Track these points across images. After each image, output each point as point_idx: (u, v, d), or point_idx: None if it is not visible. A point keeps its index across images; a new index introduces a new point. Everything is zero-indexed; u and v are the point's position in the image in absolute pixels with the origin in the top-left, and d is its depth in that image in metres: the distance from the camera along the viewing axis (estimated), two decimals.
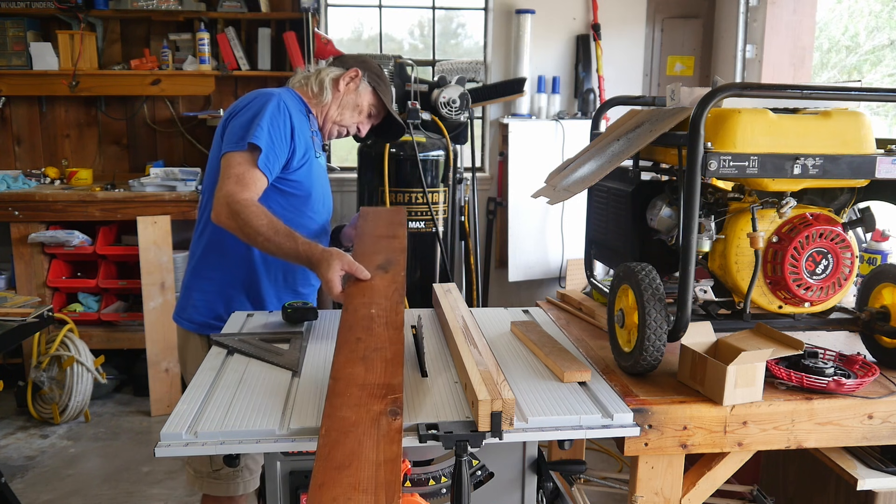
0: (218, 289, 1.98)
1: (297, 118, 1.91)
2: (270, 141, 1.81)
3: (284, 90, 2.00)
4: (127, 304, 4.19)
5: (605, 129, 1.84)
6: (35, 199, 3.84)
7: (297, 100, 2.00)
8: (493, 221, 4.57)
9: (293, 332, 1.76)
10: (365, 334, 1.44)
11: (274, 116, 1.83)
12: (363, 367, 1.33)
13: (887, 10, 4.53)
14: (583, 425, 1.31)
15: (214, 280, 1.98)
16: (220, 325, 1.87)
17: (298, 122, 1.92)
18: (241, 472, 1.94)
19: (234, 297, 1.98)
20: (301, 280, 2.06)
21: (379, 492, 1.02)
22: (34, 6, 4.06)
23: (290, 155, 1.88)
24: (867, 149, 1.49)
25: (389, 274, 1.70)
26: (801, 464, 2.26)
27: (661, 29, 4.61)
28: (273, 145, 1.81)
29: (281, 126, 1.84)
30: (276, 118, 1.84)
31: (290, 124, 1.88)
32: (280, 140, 1.84)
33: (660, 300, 1.40)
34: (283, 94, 1.95)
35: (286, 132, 1.86)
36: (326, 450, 1.10)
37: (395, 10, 4.61)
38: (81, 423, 3.69)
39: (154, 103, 4.40)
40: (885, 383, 1.49)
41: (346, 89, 2.06)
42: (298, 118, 1.93)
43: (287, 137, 1.86)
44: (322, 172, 2.07)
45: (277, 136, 1.83)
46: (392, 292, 1.62)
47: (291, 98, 1.97)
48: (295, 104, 1.96)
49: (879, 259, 2.35)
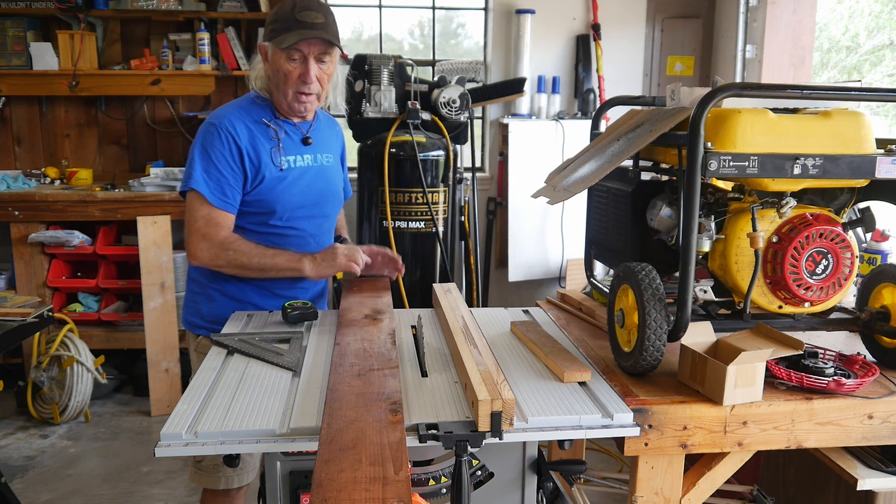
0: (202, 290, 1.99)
1: (245, 136, 1.85)
2: (207, 178, 1.82)
3: (244, 99, 1.96)
4: (127, 304, 4.19)
5: (605, 129, 1.84)
6: (35, 199, 3.84)
7: (253, 108, 1.93)
8: (493, 221, 4.57)
9: (293, 332, 1.76)
10: (359, 360, 1.47)
11: (211, 150, 1.83)
12: (360, 382, 1.35)
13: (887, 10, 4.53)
14: (583, 425, 1.31)
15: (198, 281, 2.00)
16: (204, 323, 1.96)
17: (249, 139, 1.86)
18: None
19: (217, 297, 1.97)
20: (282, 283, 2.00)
21: (386, 464, 1.03)
22: (34, 6, 4.06)
23: (243, 178, 1.86)
24: (867, 149, 1.49)
25: (378, 320, 1.74)
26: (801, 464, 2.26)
27: (661, 29, 4.62)
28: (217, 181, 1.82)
29: (224, 155, 1.82)
30: (214, 150, 1.82)
31: (235, 147, 1.83)
32: (227, 169, 1.83)
33: (660, 300, 1.40)
34: (230, 113, 1.89)
35: (231, 157, 1.83)
36: (330, 437, 1.12)
37: (395, 10, 4.61)
38: (81, 423, 3.69)
39: (154, 103, 4.40)
40: (885, 383, 1.49)
41: (267, 65, 1.90)
42: (248, 134, 1.86)
43: (234, 161, 1.83)
44: (303, 175, 1.95)
45: (220, 166, 1.82)
46: (383, 332, 1.65)
47: (244, 110, 1.91)
48: (249, 115, 1.90)
49: (879, 259, 2.35)
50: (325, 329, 1.82)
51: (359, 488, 0.98)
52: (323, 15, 1.84)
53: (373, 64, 3.58)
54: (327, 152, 2.06)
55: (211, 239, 1.83)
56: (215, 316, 1.93)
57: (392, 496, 0.96)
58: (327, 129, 2.11)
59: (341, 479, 1.00)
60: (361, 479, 1.00)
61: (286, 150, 1.93)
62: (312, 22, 1.81)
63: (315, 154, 2.00)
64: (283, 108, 1.93)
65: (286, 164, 1.92)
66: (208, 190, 1.82)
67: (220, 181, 1.83)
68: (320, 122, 2.07)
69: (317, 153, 2.01)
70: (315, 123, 2.03)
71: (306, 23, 1.81)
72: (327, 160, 2.05)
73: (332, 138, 2.12)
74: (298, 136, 1.97)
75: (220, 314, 1.92)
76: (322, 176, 2.02)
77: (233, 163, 1.84)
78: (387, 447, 1.09)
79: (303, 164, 1.96)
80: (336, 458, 1.05)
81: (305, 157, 1.97)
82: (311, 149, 1.99)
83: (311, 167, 1.98)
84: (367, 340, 1.58)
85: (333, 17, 1.89)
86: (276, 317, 1.89)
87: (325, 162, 2.04)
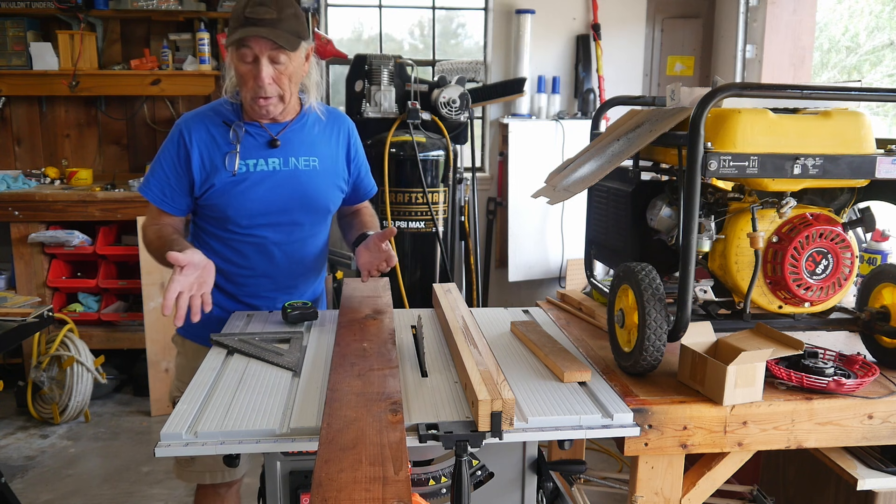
0: None
1: (201, 139, 1.81)
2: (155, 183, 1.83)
3: (217, 101, 1.91)
4: (127, 304, 4.19)
5: (605, 129, 1.83)
6: (35, 199, 3.84)
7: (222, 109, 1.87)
8: (493, 221, 4.57)
9: (293, 332, 1.76)
10: (359, 360, 1.47)
11: (162, 151, 1.85)
12: (360, 382, 1.35)
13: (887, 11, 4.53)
14: (583, 425, 1.31)
15: None
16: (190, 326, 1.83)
17: (206, 142, 1.81)
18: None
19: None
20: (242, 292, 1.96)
21: (386, 464, 1.04)
22: (34, 6, 4.06)
23: (189, 184, 1.83)
24: (867, 149, 1.49)
25: (379, 320, 1.73)
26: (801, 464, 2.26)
27: (661, 29, 4.62)
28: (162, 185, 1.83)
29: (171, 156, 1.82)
30: (164, 151, 1.84)
31: (184, 150, 1.81)
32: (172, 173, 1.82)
33: (660, 300, 1.40)
34: (194, 115, 1.86)
35: (177, 159, 1.82)
36: (330, 437, 1.12)
37: (395, 10, 4.61)
38: (81, 423, 3.69)
39: (154, 103, 4.40)
40: (885, 383, 1.49)
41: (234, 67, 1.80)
42: (206, 137, 1.82)
43: (179, 163, 1.82)
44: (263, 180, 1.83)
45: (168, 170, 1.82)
46: (383, 332, 1.64)
47: (213, 110, 1.87)
48: (215, 117, 1.85)
49: (879, 259, 2.35)
50: (325, 329, 1.82)
51: (359, 488, 0.98)
52: (276, 10, 1.70)
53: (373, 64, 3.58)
54: (309, 155, 1.89)
55: (143, 228, 1.87)
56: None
57: (392, 496, 0.96)
58: (319, 129, 1.94)
59: (341, 479, 1.00)
60: (361, 479, 1.00)
61: (246, 153, 1.82)
62: (260, 18, 1.68)
63: (285, 157, 1.85)
64: (248, 112, 1.85)
65: (243, 168, 1.81)
66: (149, 191, 1.84)
67: (163, 183, 1.83)
68: (306, 123, 1.91)
69: (289, 156, 1.86)
70: (294, 125, 1.88)
71: (253, 19, 1.69)
72: (306, 164, 1.88)
73: (324, 139, 1.93)
74: (265, 138, 1.85)
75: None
76: (293, 181, 1.86)
77: (178, 164, 1.82)
78: (387, 447, 1.09)
79: (265, 169, 1.83)
80: (336, 458, 1.05)
81: (270, 161, 1.84)
82: (279, 152, 1.85)
83: (277, 171, 1.84)
84: (367, 340, 1.58)
85: (295, 10, 1.75)
86: (276, 317, 1.89)
87: (303, 166, 1.87)
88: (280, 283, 1.96)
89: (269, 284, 1.95)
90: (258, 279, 1.93)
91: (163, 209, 1.84)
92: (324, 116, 1.95)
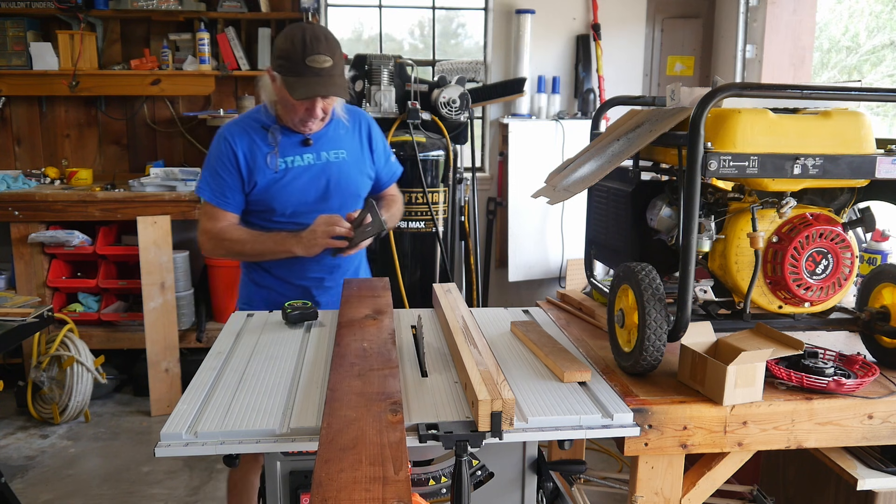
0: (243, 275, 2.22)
1: (244, 144, 2.01)
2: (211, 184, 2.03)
3: (254, 109, 2.11)
4: (127, 304, 4.19)
5: (605, 129, 1.83)
6: (35, 199, 3.84)
7: (259, 116, 2.06)
8: (493, 221, 4.57)
9: None
10: (359, 360, 1.46)
11: (213, 158, 2.04)
12: (360, 381, 1.35)
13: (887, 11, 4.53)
14: (583, 425, 1.31)
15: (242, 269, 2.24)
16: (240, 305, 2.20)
17: (245, 147, 2.01)
18: None
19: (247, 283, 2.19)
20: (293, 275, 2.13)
21: (386, 464, 1.04)
22: (34, 6, 4.06)
23: (241, 182, 2.03)
24: (867, 149, 1.49)
25: (378, 320, 1.73)
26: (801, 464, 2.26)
27: (661, 29, 4.62)
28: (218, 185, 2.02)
29: (222, 162, 2.02)
30: (214, 157, 2.03)
31: (232, 154, 2.01)
32: (226, 174, 2.02)
33: (660, 300, 1.40)
34: (235, 123, 2.06)
35: (228, 165, 2.01)
36: (330, 437, 1.12)
37: (395, 10, 4.61)
38: (81, 423, 3.69)
39: (154, 103, 4.40)
40: (885, 383, 1.49)
41: (275, 87, 1.97)
42: (247, 142, 2.01)
43: (230, 168, 2.01)
44: (302, 174, 2.04)
45: (222, 172, 2.02)
46: (383, 332, 1.64)
47: (251, 118, 2.06)
48: (254, 123, 2.04)
49: (879, 259, 2.35)
50: (325, 329, 1.82)
51: (359, 488, 0.98)
52: (330, 53, 1.87)
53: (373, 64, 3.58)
54: (338, 149, 2.10)
55: (209, 232, 2.05)
56: (246, 297, 2.19)
57: (392, 496, 0.96)
58: (344, 127, 2.14)
59: (341, 479, 1.00)
60: (361, 479, 1.00)
61: (284, 152, 2.03)
62: (321, 67, 1.86)
63: (318, 152, 2.07)
64: (288, 124, 2.04)
65: (283, 165, 2.02)
66: (209, 191, 2.04)
67: (219, 183, 2.03)
68: (332, 122, 2.10)
69: (320, 151, 2.07)
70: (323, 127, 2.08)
71: (314, 69, 1.86)
72: (336, 156, 2.10)
73: (347, 133, 2.14)
74: (299, 138, 2.06)
75: (249, 297, 2.18)
76: (327, 172, 2.08)
77: (228, 165, 2.01)
78: (387, 447, 1.09)
79: (301, 164, 2.05)
80: (336, 457, 1.05)
81: (305, 157, 2.05)
82: (312, 149, 2.06)
83: (312, 165, 2.06)
84: (367, 340, 1.58)
85: (339, 48, 1.93)
86: (276, 317, 1.89)
87: (333, 158, 2.09)
88: (323, 264, 2.12)
89: (314, 266, 2.11)
90: (304, 262, 2.08)
91: (220, 206, 2.04)
92: (346, 115, 2.15)
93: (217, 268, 4.08)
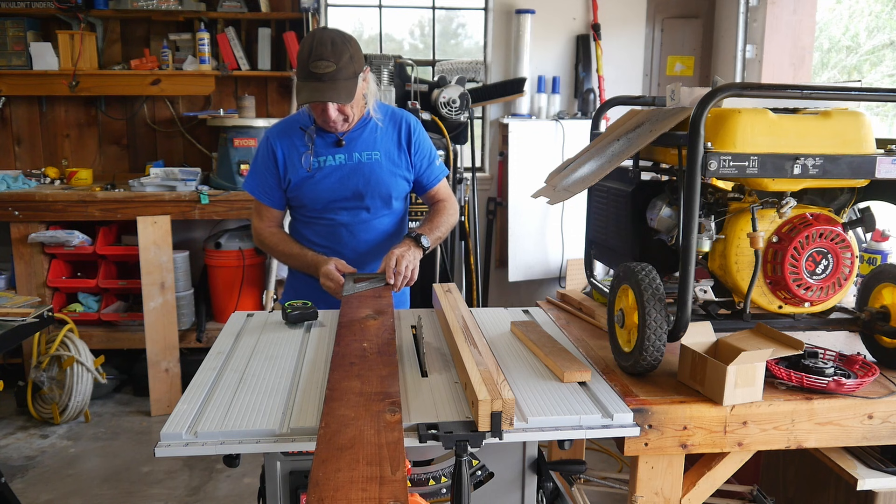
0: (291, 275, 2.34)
1: (283, 144, 2.13)
2: (254, 180, 2.18)
3: (298, 112, 2.21)
4: (127, 304, 4.19)
5: (605, 129, 1.83)
6: (35, 199, 3.84)
7: (300, 118, 2.16)
8: (493, 221, 4.57)
9: None
10: (358, 360, 1.46)
11: (257, 157, 2.19)
12: (359, 381, 1.35)
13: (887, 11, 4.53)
14: (583, 425, 1.31)
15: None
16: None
17: (284, 147, 2.13)
18: None
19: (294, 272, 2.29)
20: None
21: (384, 463, 1.04)
22: (34, 6, 4.06)
23: (279, 179, 2.16)
24: (867, 149, 1.49)
25: (379, 320, 1.73)
26: (801, 464, 2.26)
27: (661, 29, 4.61)
28: (260, 182, 2.17)
29: (265, 161, 2.16)
30: (259, 157, 2.18)
31: (271, 154, 2.14)
32: (267, 172, 2.16)
33: (660, 300, 1.40)
34: (277, 125, 2.20)
35: (269, 164, 2.15)
36: (328, 437, 1.12)
37: (395, 10, 4.61)
38: (81, 423, 3.69)
39: (154, 103, 4.40)
40: (885, 383, 1.49)
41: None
42: (286, 142, 2.13)
43: (270, 167, 2.15)
44: (333, 173, 2.12)
45: (263, 170, 2.16)
46: (383, 332, 1.64)
47: (293, 120, 2.17)
48: (294, 124, 2.15)
49: (879, 259, 2.35)
50: (325, 329, 1.82)
51: (355, 488, 0.98)
52: (335, 59, 1.90)
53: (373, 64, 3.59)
54: (371, 150, 2.15)
55: (254, 228, 2.26)
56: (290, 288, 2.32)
57: (388, 496, 0.96)
58: (381, 129, 2.17)
59: (338, 479, 0.99)
60: (358, 478, 1.00)
61: (318, 152, 2.12)
62: (322, 73, 1.90)
63: (349, 153, 2.13)
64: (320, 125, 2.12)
65: (315, 164, 2.12)
66: (255, 187, 2.19)
67: (262, 181, 2.17)
68: (367, 124, 2.15)
69: (353, 152, 2.14)
70: (356, 127, 2.13)
71: (315, 74, 1.91)
72: (368, 157, 2.15)
73: (384, 135, 2.17)
74: (332, 139, 2.13)
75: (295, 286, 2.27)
76: (357, 172, 2.13)
77: (270, 165, 2.15)
78: (384, 447, 1.09)
79: (333, 164, 2.12)
80: (333, 457, 1.05)
81: (337, 157, 2.13)
82: (344, 149, 2.13)
83: (343, 165, 2.13)
84: (367, 340, 1.58)
85: (351, 51, 1.94)
86: (276, 316, 1.90)
87: (365, 159, 2.14)
88: (349, 259, 2.15)
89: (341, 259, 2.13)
90: (330, 255, 2.13)
91: (262, 201, 2.19)
92: (384, 117, 2.19)
93: (217, 268, 4.08)
